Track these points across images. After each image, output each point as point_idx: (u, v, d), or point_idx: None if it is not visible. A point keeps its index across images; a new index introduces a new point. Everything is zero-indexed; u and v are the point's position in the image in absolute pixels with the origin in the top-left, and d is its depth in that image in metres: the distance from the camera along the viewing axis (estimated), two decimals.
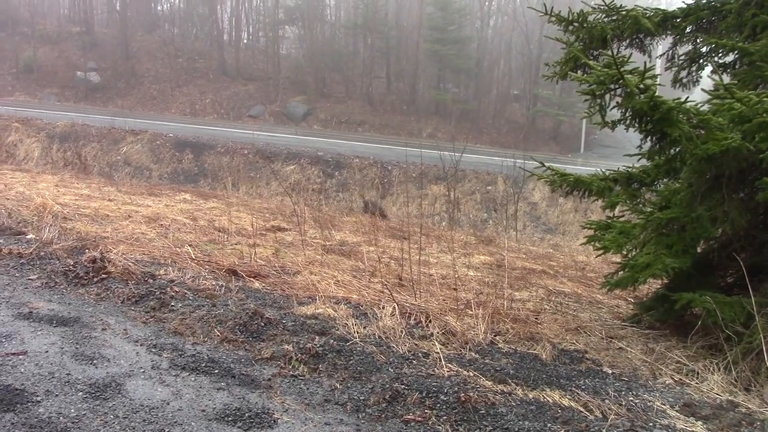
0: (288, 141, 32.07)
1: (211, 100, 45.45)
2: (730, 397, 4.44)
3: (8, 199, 9.55)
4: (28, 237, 7.21)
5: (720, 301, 5.11)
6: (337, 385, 4.19)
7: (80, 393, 3.69)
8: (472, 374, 4.48)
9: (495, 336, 5.47)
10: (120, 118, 32.82)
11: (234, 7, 55.02)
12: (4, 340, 4.34)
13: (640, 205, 6.33)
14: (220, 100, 45.47)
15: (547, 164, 7.07)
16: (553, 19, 6.62)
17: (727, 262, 5.86)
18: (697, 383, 4.71)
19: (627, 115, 5.06)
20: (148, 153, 30.18)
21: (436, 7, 45.69)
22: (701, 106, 5.04)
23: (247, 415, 3.64)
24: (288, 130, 38.44)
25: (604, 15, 6.52)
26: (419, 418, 3.77)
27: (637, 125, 5.08)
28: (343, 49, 51.83)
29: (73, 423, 3.35)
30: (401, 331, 5.20)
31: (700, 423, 3.99)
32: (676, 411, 4.15)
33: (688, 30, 6.41)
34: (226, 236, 8.77)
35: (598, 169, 6.98)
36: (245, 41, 55.90)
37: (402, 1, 50.96)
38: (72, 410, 3.48)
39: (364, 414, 3.83)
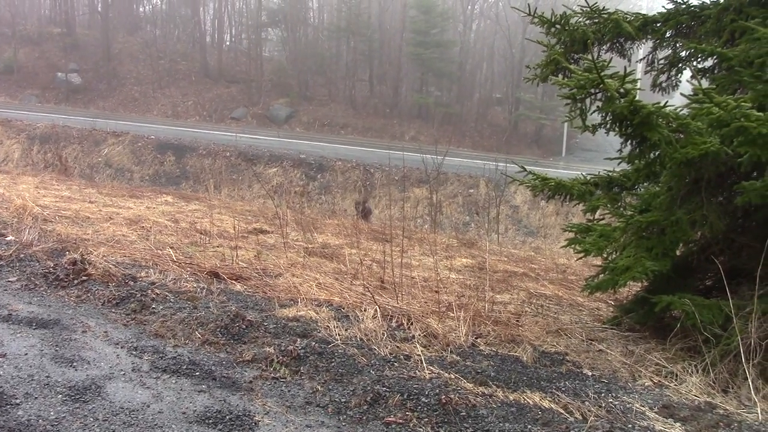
0: (270, 143, 32.00)
1: (193, 102, 45.28)
2: (708, 399, 4.48)
3: None
4: (7, 239, 7.15)
5: (699, 303, 5.15)
6: (319, 388, 4.19)
7: (60, 396, 3.67)
8: (453, 376, 4.49)
9: (476, 338, 5.49)
10: (101, 119, 32.67)
11: (216, 8, 54.84)
12: None
13: (621, 209, 6.37)
14: (202, 102, 45.31)
15: (528, 168, 7.12)
16: (536, 20, 6.65)
17: (705, 265, 5.91)
18: (675, 385, 4.75)
19: (607, 119, 5.09)
20: (129, 155, 30.02)
21: (419, 11, 45.78)
22: (680, 110, 5.09)
23: (228, 417, 3.63)
24: (271, 132, 38.34)
25: (585, 18, 6.57)
26: (400, 420, 3.78)
27: (617, 129, 5.12)
28: (326, 51, 51.79)
29: (52, 426, 3.33)
30: (383, 334, 5.20)
31: (678, 424, 4.02)
32: (655, 413, 4.18)
33: (667, 34, 6.47)
34: (207, 239, 8.74)
35: (580, 173, 7.03)
36: (228, 43, 55.77)
37: (385, 5, 50.96)
38: (51, 413, 3.46)
39: (345, 416, 3.83)
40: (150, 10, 60.27)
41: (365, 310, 5.66)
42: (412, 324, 5.54)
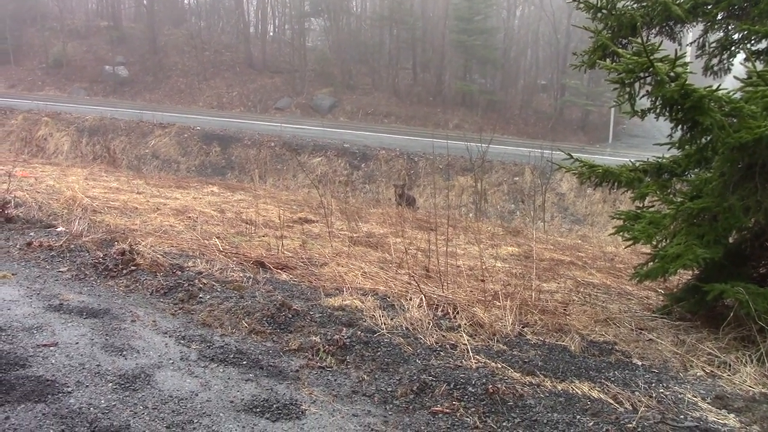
0: (314, 133, 32.12)
1: (238, 93, 45.65)
2: (763, 390, 4.38)
3: (39, 192, 9.65)
4: (58, 230, 7.28)
5: (753, 291, 5.03)
6: (365, 377, 4.19)
7: (110, 384, 3.72)
8: (500, 366, 4.46)
9: (523, 327, 5.44)
10: (148, 111, 33.14)
11: None
12: (35, 332, 4.39)
13: (671, 196, 6.25)
14: (246, 92, 45.65)
15: (575, 156, 7.01)
16: (582, 5, 6.53)
17: (760, 252, 5.78)
18: (729, 375, 4.64)
19: (657, 103, 5.00)
20: (176, 146, 30.42)
21: None
22: (733, 93, 4.96)
23: (275, 406, 3.64)
24: (314, 122, 38.51)
25: (633, 2, 6.43)
26: (447, 410, 3.75)
27: (667, 114, 5.02)
28: (369, 40, 51.71)
29: (103, 413, 3.38)
30: (428, 323, 5.18)
31: (732, 415, 3.93)
32: (708, 403, 4.10)
33: (719, 17, 6.30)
34: (253, 228, 8.80)
35: (628, 160, 6.90)
36: (271, 34, 56.03)
37: None
38: (102, 401, 3.51)
39: (391, 405, 3.82)
40: (194, 3, 60.86)
41: (411, 299, 5.64)
42: (457, 313, 5.50)
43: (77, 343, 4.26)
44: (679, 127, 5.20)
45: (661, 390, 4.30)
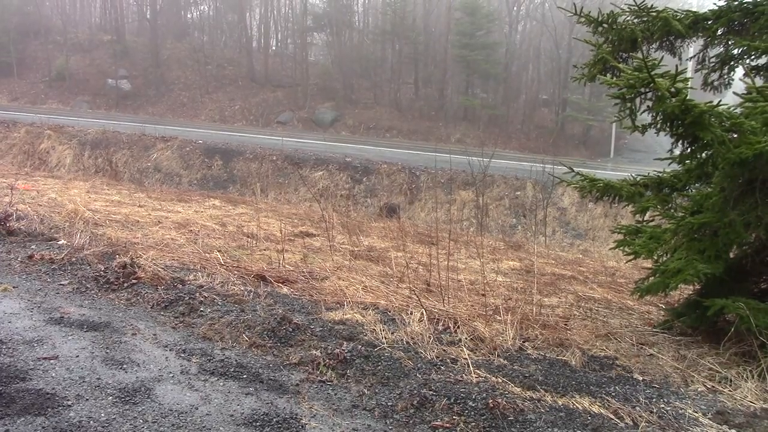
0: (316, 147, 32.14)
1: (240, 107, 45.75)
2: (764, 405, 4.36)
3: (41, 205, 9.68)
4: (59, 243, 7.29)
5: (754, 307, 5.03)
6: (365, 391, 4.18)
7: (110, 397, 3.72)
8: (500, 380, 4.45)
9: (524, 342, 5.43)
10: (150, 125, 33.18)
11: (263, 14, 55.41)
12: (35, 345, 4.39)
13: (672, 210, 6.25)
14: (248, 106, 45.75)
15: (576, 169, 7.02)
16: (583, 19, 6.56)
17: (761, 267, 5.77)
18: (730, 391, 4.63)
19: (658, 119, 5.01)
20: (177, 159, 30.42)
21: (465, 13, 45.53)
22: (734, 109, 4.97)
23: (275, 420, 3.64)
24: (316, 136, 38.55)
25: (633, 16, 6.45)
26: (447, 425, 3.75)
27: (668, 129, 5.03)
28: (371, 55, 51.85)
29: (103, 427, 3.38)
30: (429, 337, 5.17)
31: (733, 431, 3.92)
32: (709, 419, 4.09)
33: (719, 32, 6.32)
34: (254, 242, 8.80)
35: (629, 174, 6.92)
36: (274, 48, 56.19)
37: (430, 7, 50.87)
38: (102, 414, 3.50)
39: (391, 420, 3.81)
40: (197, 17, 61.14)
41: (411, 314, 5.64)
42: (458, 327, 5.50)
43: (78, 356, 4.27)
44: (680, 142, 5.21)
45: (662, 405, 4.29)
